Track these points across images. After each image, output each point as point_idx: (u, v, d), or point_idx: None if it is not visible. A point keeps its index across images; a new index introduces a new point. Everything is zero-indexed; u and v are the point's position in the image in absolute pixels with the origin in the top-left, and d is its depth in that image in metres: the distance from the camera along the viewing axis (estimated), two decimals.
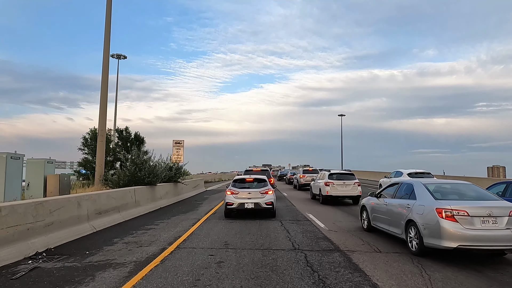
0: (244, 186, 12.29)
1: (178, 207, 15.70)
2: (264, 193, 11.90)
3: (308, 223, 10.78)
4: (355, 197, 16.81)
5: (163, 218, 12.06)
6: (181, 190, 20.75)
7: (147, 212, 13.76)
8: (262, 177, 12.88)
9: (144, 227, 10.21)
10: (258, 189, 12.02)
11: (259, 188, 12.08)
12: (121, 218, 11.49)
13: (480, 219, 6.24)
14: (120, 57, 41.61)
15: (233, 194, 11.95)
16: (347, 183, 16.63)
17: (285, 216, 12.36)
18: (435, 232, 6.41)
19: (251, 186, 12.31)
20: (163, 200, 16.77)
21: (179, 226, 10.40)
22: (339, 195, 16.50)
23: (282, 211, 13.85)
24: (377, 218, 8.93)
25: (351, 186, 16.61)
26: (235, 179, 12.99)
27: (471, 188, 7.52)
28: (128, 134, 31.45)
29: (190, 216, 12.48)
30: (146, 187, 14.72)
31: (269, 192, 12.00)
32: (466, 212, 6.25)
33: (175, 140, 27.14)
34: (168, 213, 13.65)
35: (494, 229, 6.21)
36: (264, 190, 11.99)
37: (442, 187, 7.66)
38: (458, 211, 6.28)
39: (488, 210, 6.30)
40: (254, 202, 11.62)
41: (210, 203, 17.25)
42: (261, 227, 10.14)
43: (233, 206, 11.73)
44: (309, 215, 12.68)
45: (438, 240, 6.34)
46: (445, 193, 7.28)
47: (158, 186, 16.35)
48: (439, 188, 7.47)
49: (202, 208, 15.29)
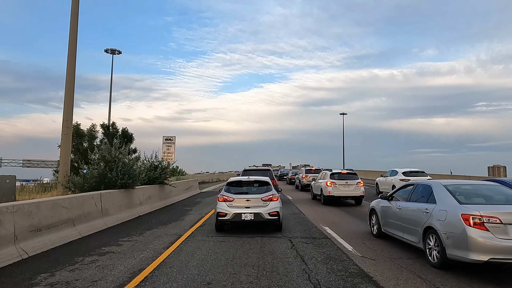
0: (241, 191, 9.49)
1: (160, 216, 12.77)
2: (267, 199, 9.09)
3: (329, 244, 7.83)
4: (358, 197, 15.85)
5: (134, 234, 9.14)
6: (169, 193, 17.81)
7: (118, 223, 10.84)
8: (264, 179, 10.01)
9: (99, 250, 7.28)
10: (259, 194, 9.22)
11: (261, 193, 9.28)
12: (75, 234, 8.57)
13: None
14: (115, 52, 39.10)
15: (226, 202, 9.12)
16: (349, 183, 15.69)
17: (295, 230, 9.43)
18: (461, 242, 5.42)
19: (250, 191, 9.52)
20: (144, 207, 13.85)
21: (149, 248, 7.47)
22: (341, 195, 15.59)
23: (289, 221, 10.94)
24: (389, 223, 7.94)
25: (354, 186, 15.66)
26: (230, 182, 10.03)
27: (499, 190, 6.54)
28: (115, 130, 28.54)
29: (169, 231, 9.54)
30: (119, 191, 11.78)
31: (274, 199, 9.19)
32: (498, 219, 5.28)
33: (166, 137, 24.18)
34: (145, 224, 10.72)
35: None
36: (267, 196, 9.18)
37: (463, 188, 6.66)
38: (489, 217, 5.32)
39: None
40: (254, 213, 8.81)
41: (201, 210, 14.32)
42: (264, 250, 7.21)
43: (227, 217, 8.89)
44: (326, 228, 9.74)
45: (465, 252, 5.35)
46: (469, 196, 6.26)
47: (137, 189, 13.42)
48: (462, 190, 6.49)
49: (189, 217, 12.36)
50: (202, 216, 12.30)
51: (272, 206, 8.99)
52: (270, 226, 9.45)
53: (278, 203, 9.25)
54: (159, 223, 10.90)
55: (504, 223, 5.25)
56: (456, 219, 5.58)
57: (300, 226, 10.13)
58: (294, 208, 14.68)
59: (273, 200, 9.13)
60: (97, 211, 10.04)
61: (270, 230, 9.37)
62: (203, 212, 13.64)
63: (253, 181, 9.80)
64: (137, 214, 12.79)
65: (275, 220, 8.98)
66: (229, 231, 9.29)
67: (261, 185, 9.64)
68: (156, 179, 15.71)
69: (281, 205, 9.48)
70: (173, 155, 23.87)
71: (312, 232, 9.27)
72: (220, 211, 9.00)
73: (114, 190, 11.47)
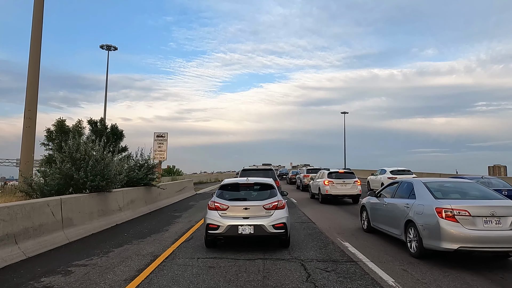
0: (238, 197, 7.50)
1: (142, 224, 10.64)
2: (272, 208, 7.10)
3: (357, 271, 5.66)
4: (355, 196, 16.06)
5: (97, 252, 7.01)
6: (158, 196, 15.67)
7: (86, 235, 8.72)
8: (267, 182, 7.94)
9: (35, 283, 5.15)
10: (260, 201, 7.23)
11: (263, 199, 7.29)
12: (17, 255, 6.44)
13: (483, 219, 5.89)
14: (110, 48, 37.19)
15: (218, 210, 7.12)
16: (347, 182, 15.90)
17: (307, 248, 7.29)
18: (435, 233, 6.06)
19: (250, 196, 7.55)
20: (125, 213, 11.72)
21: (105, 280, 5.32)
22: (338, 194, 15.86)
23: (297, 233, 8.82)
24: (377, 218, 8.68)
25: (351, 185, 15.83)
26: (224, 185, 7.92)
27: (475, 187, 7.30)
28: (104, 127, 26.39)
29: (145, 248, 7.39)
30: (90, 196, 9.66)
31: (280, 207, 7.18)
32: (467, 212, 5.92)
33: (157, 133, 22.04)
34: (118, 237, 8.59)
35: (497, 230, 5.84)
36: (271, 202, 7.17)
37: (443, 186, 7.40)
38: (459, 210, 5.95)
39: (491, 210, 5.94)
40: (255, 225, 6.83)
41: (192, 217, 12.19)
42: (268, 284, 5.07)
43: (219, 231, 6.89)
44: (347, 245, 7.59)
45: (438, 242, 5.99)
46: (446, 192, 6.99)
47: (116, 192, 11.29)
48: (441, 187, 7.19)
49: (175, 226, 10.22)
50: (191, 226, 10.16)
51: (277, 216, 7.00)
52: (274, 241, 7.38)
53: (285, 212, 7.24)
54: (136, 236, 8.77)
55: (473, 216, 5.87)
56: (431, 212, 6.22)
57: (313, 241, 7.99)
58: (301, 214, 12.54)
59: (279, 208, 7.13)
60: (55, 222, 7.89)
61: (275, 246, 7.27)
62: (194, 219, 11.51)
63: (253, 184, 7.77)
64: (114, 222, 10.66)
65: (281, 234, 6.98)
66: (221, 249, 7.18)
67: (263, 189, 7.66)
68: (140, 180, 13.57)
69: (288, 214, 7.44)
70: (165, 153, 21.75)
71: (330, 251, 7.11)
72: (210, 222, 7.01)
73: (82, 195, 9.33)
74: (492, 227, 5.86)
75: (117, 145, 25.22)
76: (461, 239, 5.77)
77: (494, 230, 5.83)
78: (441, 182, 7.77)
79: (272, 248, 7.22)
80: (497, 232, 5.80)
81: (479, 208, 5.99)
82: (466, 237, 5.74)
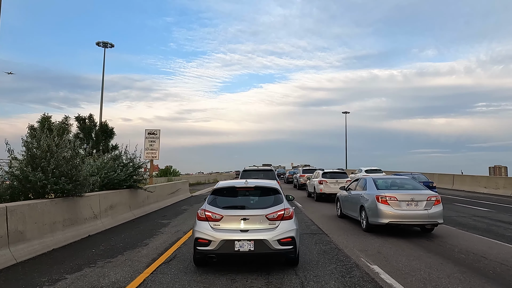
0: (235, 204, 5.96)
1: (119, 236, 8.83)
2: (276, 218, 5.59)
3: None
4: None
5: (45, 281, 5.19)
6: (145, 199, 13.85)
7: (42, 252, 6.94)
8: (271, 185, 6.33)
9: None
10: (263, 209, 5.71)
11: (266, 207, 5.78)
12: None
13: (406, 203, 8.48)
14: (107, 45, 35.80)
15: (210, 221, 5.61)
16: (339, 181, 16.87)
17: (324, 274, 5.45)
18: (375, 213, 8.71)
19: (249, 204, 5.99)
20: (102, 221, 9.93)
21: None
22: (332, 192, 16.60)
23: (308, 249, 7.01)
24: (345, 206, 11.17)
25: (343, 184, 16.05)
26: (217, 189, 6.30)
27: (409, 181, 9.90)
28: (93, 124, 24.62)
29: (109, 274, 5.55)
30: (52, 202, 7.84)
31: (287, 217, 5.66)
32: (395, 198, 8.54)
33: (148, 130, 20.16)
34: (82, 255, 6.77)
35: (415, 210, 8.44)
36: (276, 211, 5.66)
37: (386, 181, 9.94)
38: (390, 197, 8.58)
39: (411, 196, 8.58)
40: (255, 240, 5.34)
41: (181, 225, 10.37)
42: None
43: (210, 247, 5.38)
44: (375, 268, 5.78)
45: (377, 218, 8.62)
46: (387, 185, 9.52)
47: (89, 197, 9.48)
48: (383, 182, 9.77)
49: (158, 238, 8.39)
50: (178, 238, 8.34)
51: (284, 228, 5.51)
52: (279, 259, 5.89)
53: (293, 223, 5.71)
54: (106, 253, 6.95)
55: (399, 200, 8.55)
56: (373, 199, 8.91)
57: (330, 262, 6.15)
58: (309, 222, 10.73)
59: (286, 219, 5.62)
60: None
61: (280, 266, 5.47)
62: (183, 228, 9.69)
63: (252, 188, 6.17)
64: (85, 233, 8.86)
65: (289, 251, 5.49)
66: (210, 274, 5.37)
67: (265, 194, 6.13)
68: (123, 182, 11.75)
69: (298, 226, 5.90)
70: (157, 152, 19.89)
71: (357, 280, 5.27)
72: (200, 236, 5.49)
73: (40, 201, 7.50)
74: (412, 208, 8.49)
75: (107, 143, 23.46)
76: (390, 216, 8.43)
77: (413, 211, 8.47)
78: (385, 178, 10.64)
79: (276, 269, 5.40)
80: (414, 212, 8.45)
81: (403, 196, 8.68)
82: (394, 214, 8.42)
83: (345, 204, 11.17)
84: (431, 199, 8.53)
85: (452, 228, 9.86)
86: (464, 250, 7.17)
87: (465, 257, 6.64)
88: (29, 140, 8.05)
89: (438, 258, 6.51)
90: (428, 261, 6.33)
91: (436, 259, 6.44)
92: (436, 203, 8.54)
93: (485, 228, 10.01)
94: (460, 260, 6.43)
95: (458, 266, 6.02)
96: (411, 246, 7.50)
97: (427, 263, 6.20)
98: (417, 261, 6.29)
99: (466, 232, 9.27)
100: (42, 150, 8.06)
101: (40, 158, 7.95)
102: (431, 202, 8.48)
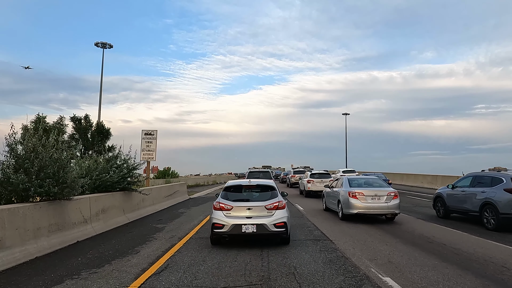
0: (241, 198, 7.90)
1: (109, 241, 8.25)
2: (273, 208, 7.53)
3: None
4: None
5: None
6: (140, 202, 13.29)
7: (24, 261, 6.40)
8: (268, 183, 8.43)
9: None
10: (262, 201, 7.67)
11: (265, 200, 7.74)
12: None
13: (371, 197, 10.84)
14: (106, 46, 35.14)
15: (223, 211, 7.53)
16: (324, 181, 19.97)
17: None
18: (347, 205, 11.03)
19: (252, 198, 7.92)
20: (93, 225, 9.38)
21: None
22: (317, 190, 19.70)
23: (313, 258, 6.43)
24: (328, 202, 13.57)
25: (327, 183, 17.65)
26: (228, 186, 8.30)
27: (376, 180, 12.31)
28: (89, 124, 24.05)
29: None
30: (35, 207, 7.26)
31: (281, 207, 7.61)
32: (362, 193, 10.86)
33: (145, 131, 19.58)
34: (66, 264, 6.20)
35: (377, 203, 10.80)
36: (272, 203, 7.61)
37: (358, 180, 12.35)
38: (359, 193, 10.89)
39: (375, 192, 10.96)
40: (257, 224, 7.25)
41: (177, 230, 9.79)
42: None
43: (224, 230, 7.29)
44: (388, 281, 5.21)
45: (349, 210, 10.96)
46: (358, 184, 11.76)
47: (79, 200, 8.93)
48: (356, 181, 12.10)
49: (151, 245, 7.81)
50: (172, 245, 7.77)
51: (278, 215, 7.44)
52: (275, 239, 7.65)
53: (285, 211, 7.68)
54: (92, 262, 6.38)
55: (365, 195, 10.86)
56: (346, 194, 11.17)
57: (338, 274, 5.57)
58: (312, 227, 10.15)
59: (280, 209, 7.57)
60: None
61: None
62: (178, 234, 9.13)
63: (255, 186, 8.19)
64: (74, 239, 8.30)
65: (282, 232, 7.41)
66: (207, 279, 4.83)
67: (264, 190, 8.10)
68: (116, 184, 11.18)
69: (289, 214, 7.91)
70: (154, 153, 19.33)
71: None
72: (216, 222, 7.41)
73: (21, 205, 6.92)
74: (375, 202, 10.80)
75: (103, 144, 22.90)
76: (358, 208, 10.76)
77: (376, 203, 10.78)
78: (358, 178, 13.04)
79: None
80: (377, 204, 10.77)
81: (369, 192, 10.97)
82: (361, 206, 10.74)
83: (328, 199, 13.64)
84: (390, 194, 10.87)
85: (464, 234, 9.29)
86: (482, 259, 6.60)
87: (485, 268, 6.07)
88: (11, 139, 7.48)
89: (455, 269, 5.94)
90: (445, 272, 5.76)
91: (453, 270, 5.87)
92: (394, 197, 10.85)
93: None
94: (480, 271, 5.85)
95: (479, 278, 5.45)
96: (424, 254, 6.91)
97: (444, 274, 5.62)
98: (433, 272, 5.72)
99: (479, 238, 8.70)
100: (26, 150, 7.51)
101: (24, 159, 7.39)
102: (390, 197, 10.81)
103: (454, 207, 11.68)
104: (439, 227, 10.30)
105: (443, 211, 12.21)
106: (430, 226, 10.52)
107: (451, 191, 11.93)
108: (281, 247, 7.42)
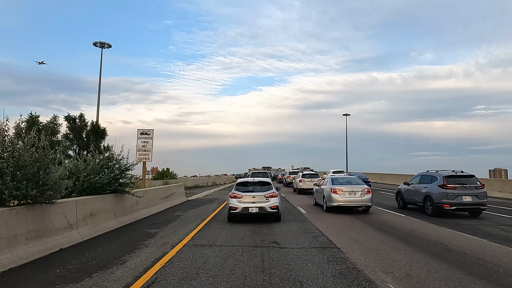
0: (248, 190, 11.49)
1: (96, 249, 7.50)
2: (269, 196, 11.13)
3: None
4: None
5: None
6: (134, 205, 12.55)
7: None
8: (266, 180, 12.33)
9: None
10: (262, 192, 11.25)
11: (264, 191, 11.32)
12: None
13: (348, 193, 13.38)
14: (104, 45, 34.88)
15: (236, 198, 11.09)
16: (313, 180, 23.05)
17: None
18: (330, 199, 13.56)
19: (255, 190, 11.49)
20: (79, 231, 8.64)
21: None
22: (307, 188, 23.55)
23: (320, 269, 5.68)
24: (317, 198, 16.17)
25: (316, 182, 19.01)
26: (238, 182, 12.06)
27: (355, 179, 14.87)
28: (83, 124, 23.31)
29: None
30: (11, 211, 6.51)
31: (274, 196, 11.23)
32: (342, 190, 13.43)
33: (141, 130, 18.83)
34: (40, 278, 5.45)
35: (354, 197, 13.33)
36: (269, 193, 11.23)
37: (339, 178, 15.06)
38: (338, 189, 13.47)
39: (352, 188, 13.49)
40: (259, 207, 10.87)
41: (171, 235, 9.04)
42: None
43: (237, 211, 10.92)
44: None
45: (331, 203, 13.51)
46: (340, 182, 14.32)
47: (63, 204, 8.19)
48: (338, 180, 14.70)
49: (140, 254, 7.06)
50: (164, 253, 7.02)
51: (272, 201, 11.02)
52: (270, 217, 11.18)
53: (278, 199, 11.29)
54: (71, 275, 5.63)
55: (344, 191, 13.41)
56: (329, 191, 13.72)
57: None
58: (316, 232, 9.39)
59: (274, 197, 11.18)
60: None
61: None
62: (172, 240, 8.37)
63: (257, 182, 11.95)
64: (56, 246, 7.56)
65: (275, 212, 11.04)
66: None
67: (263, 185, 11.73)
68: (106, 186, 10.43)
69: (280, 200, 11.65)
70: (150, 153, 18.58)
71: None
72: (232, 205, 10.97)
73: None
74: (352, 196, 13.41)
75: (98, 144, 22.16)
76: (338, 201, 13.42)
77: (352, 197, 13.40)
78: (339, 176, 16.13)
79: None
80: (353, 198, 13.38)
81: (347, 188, 13.60)
82: (340, 200, 13.40)
83: (316, 196, 16.28)
84: (364, 190, 13.46)
85: (483, 240, 8.53)
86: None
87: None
88: None
89: (484, 283, 5.19)
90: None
91: (481, 285, 5.12)
92: (368, 193, 13.44)
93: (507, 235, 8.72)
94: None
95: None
96: (445, 266, 6.15)
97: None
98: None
99: (502, 246, 7.94)
100: (5, 148, 6.76)
101: (1, 159, 6.64)
102: (364, 192, 13.41)
103: (409, 200, 14.96)
104: (396, 215, 13.37)
105: (402, 203, 15.48)
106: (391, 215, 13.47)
107: (407, 187, 15.15)
108: (283, 254, 6.67)
